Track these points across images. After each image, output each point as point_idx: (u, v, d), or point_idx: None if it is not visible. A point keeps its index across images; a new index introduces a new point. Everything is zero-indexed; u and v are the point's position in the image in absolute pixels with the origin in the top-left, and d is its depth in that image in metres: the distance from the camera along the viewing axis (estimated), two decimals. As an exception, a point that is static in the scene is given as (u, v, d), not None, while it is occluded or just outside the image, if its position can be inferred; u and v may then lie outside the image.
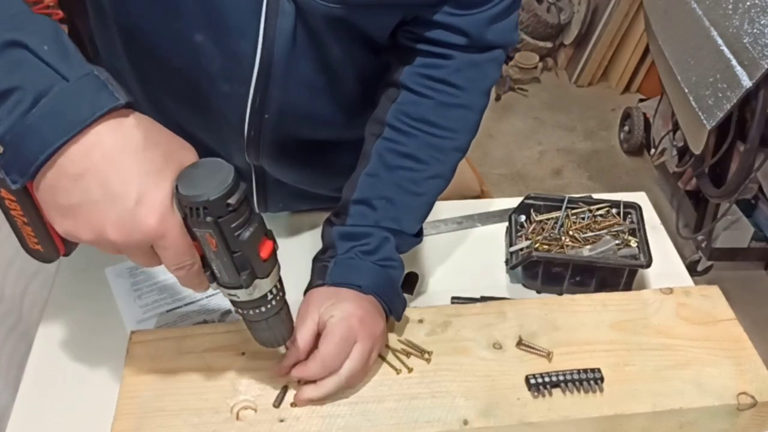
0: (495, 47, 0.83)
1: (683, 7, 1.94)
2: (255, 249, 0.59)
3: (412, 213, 0.84)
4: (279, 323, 0.67)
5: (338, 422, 0.70)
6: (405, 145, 0.82)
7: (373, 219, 0.81)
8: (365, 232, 0.80)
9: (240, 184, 0.57)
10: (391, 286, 0.79)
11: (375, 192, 0.81)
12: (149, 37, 0.77)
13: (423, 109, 0.82)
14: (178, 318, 0.88)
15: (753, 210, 2.22)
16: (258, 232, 0.59)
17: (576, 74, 3.27)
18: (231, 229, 0.57)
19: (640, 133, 2.78)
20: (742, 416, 0.74)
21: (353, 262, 0.78)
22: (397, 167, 0.82)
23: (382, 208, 0.81)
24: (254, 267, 0.60)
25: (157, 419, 0.69)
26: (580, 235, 0.93)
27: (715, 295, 0.85)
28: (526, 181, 2.76)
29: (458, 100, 0.83)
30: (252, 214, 0.58)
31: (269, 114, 0.81)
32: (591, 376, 0.73)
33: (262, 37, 0.74)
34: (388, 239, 0.80)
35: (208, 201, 0.54)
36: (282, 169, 0.92)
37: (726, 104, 1.74)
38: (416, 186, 0.83)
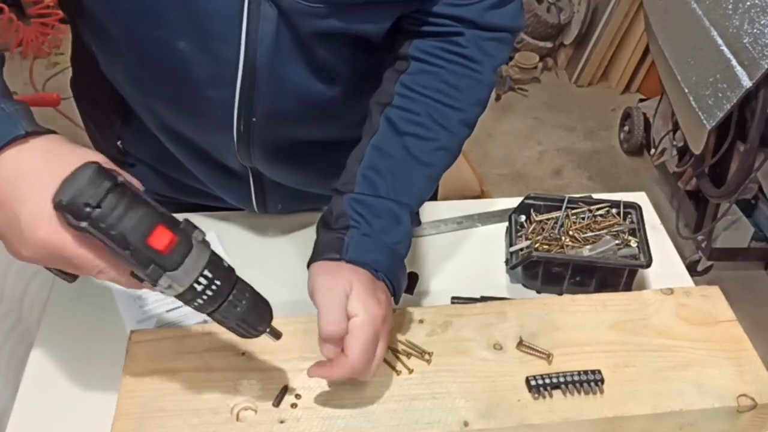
0: (500, 30, 0.83)
1: (683, 7, 1.94)
2: (143, 242, 0.56)
3: (417, 185, 0.81)
4: (234, 313, 0.63)
5: (338, 423, 0.70)
6: (415, 113, 0.81)
7: (382, 189, 0.78)
8: (376, 204, 0.77)
9: (100, 181, 0.55)
10: (401, 268, 0.78)
11: (383, 161, 0.79)
12: (136, 45, 0.77)
13: (433, 78, 0.82)
14: (178, 318, 0.88)
15: (753, 210, 2.22)
16: (142, 225, 0.56)
17: (576, 74, 3.27)
18: (105, 227, 0.55)
19: (640, 133, 2.78)
20: (742, 418, 0.74)
21: (369, 242, 0.75)
22: (406, 134, 0.80)
23: (390, 178, 0.79)
24: (156, 261, 0.57)
25: (157, 419, 0.69)
26: (580, 235, 0.93)
27: (715, 295, 0.85)
28: (526, 181, 2.76)
29: (468, 71, 0.82)
30: (133, 208, 0.56)
31: (257, 117, 0.81)
32: (591, 377, 0.73)
33: (244, 42, 0.74)
34: (399, 216, 0.78)
35: (62, 204, 0.55)
36: (276, 171, 0.92)
37: (726, 104, 1.74)
38: (425, 155, 0.81)
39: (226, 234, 1.00)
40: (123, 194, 0.56)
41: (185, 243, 0.59)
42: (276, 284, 0.77)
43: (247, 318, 0.64)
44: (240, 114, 0.81)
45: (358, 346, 0.68)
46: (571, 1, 3.24)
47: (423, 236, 1.00)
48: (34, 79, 3.14)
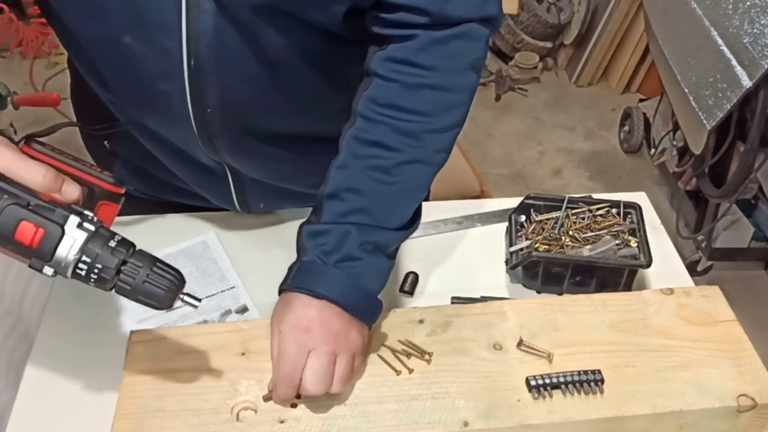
0: (462, 21, 0.78)
1: (683, 7, 1.94)
2: (12, 238, 0.59)
3: (385, 203, 0.79)
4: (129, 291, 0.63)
5: (339, 423, 0.70)
6: (372, 132, 0.79)
7: (341, 212, 0.77)
8: (327, 229, 0.77)
9: None
10: (353, 287, 0.75)
11: (344, 184, 0.78)
12: (87, 44, 0.78)
13: (389, 94, 0.79)
14: (178, 318, 0.88)
15: (753, 210, 2.22)
16: (7, 222, 0.59)
17: (576, 74, 3.27)
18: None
19: (640, 133, 2.78)
20: (742, 418, 0.74)
21: (312, 266, 0.75)
22: (365, 156, 0.79)
23: (350, 200, 0.77)
24: (31, 254, 0.60)
25: (157, 419, 0.69)
26: (580, 235, 0.93)
27: (715, 295, 0.85)
28: (526, 181, 2.76)
29: (424, 80, 0.78)
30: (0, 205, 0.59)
31: (211, 108, 0.81)
32: (591, 377, 0.73)
33: (185, 35, 0.74)
34: (349, 234, 0.76)
35: None
36: (248, 166, 0.92)
37: (726, 104, 1.74)
38: (387, 174, 0.78)
39: (228, 233, 1.00)
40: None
41: (54, 234, 0.60)
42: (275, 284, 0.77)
43: (147, 292, 0.64)
44: (194, 105, 0.80)
45: (281, 360, 0.71)
46: (571, 1, 3.24)
47: (423, 236, 1.00)
48: (34, 79, 3.14)
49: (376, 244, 0.77)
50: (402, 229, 0.80)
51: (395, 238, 0.80)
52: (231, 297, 0.91)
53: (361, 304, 0.75)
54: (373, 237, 0.77)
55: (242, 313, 0.89)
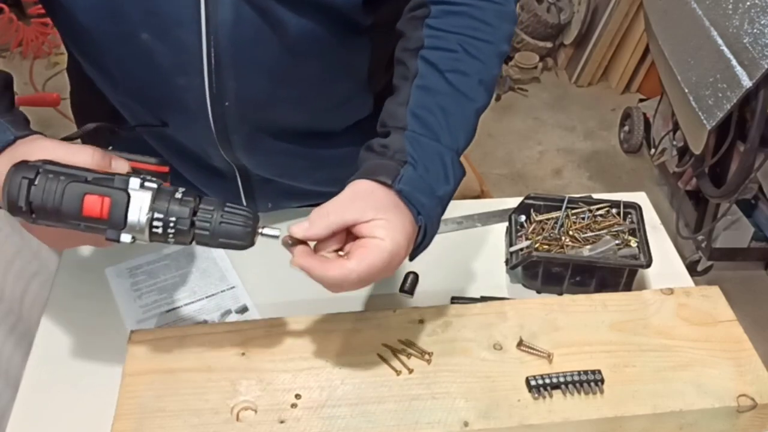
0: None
1: (683, 7, 1.93)
2: (82, 216, 0.60)
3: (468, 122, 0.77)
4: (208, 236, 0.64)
5: (338, 423, 0.70)
6: (452, 50, 0.77)
7: (434, 130, 0.74)
8: (432, 149, 0.73)
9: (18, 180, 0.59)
10: (436, 225, 0.73)
11: (433, 99, 0.76)
12: (100, 42, 0.78)
13: (461, 17, 0.79)
14: (178, 318, 0.88)
15: (753, 210, 2.22)
16: (72, 201, 0.60)
17: (576, 74, 3.27)
18: (48, 215, 0.60)
19: (640, 133, 2.78)
20: (742, 418, 0.74)
21: (422, 184, 0.71)
22: (448, 71, 0.76)
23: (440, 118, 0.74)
24: (105, 225, 0.60)
25: (157, 419, 0.69)
26: (580, 235, 0.93)
27: (715, 295, 0.85)
28: (526, 181, 2.76)
29: (494, 5, 0.80)
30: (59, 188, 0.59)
31: (230, 102, 0.81)
32: (591, 377, 0.73)
33: (205, 26, 0.74)
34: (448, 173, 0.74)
35: (7, 210, 0.60)
36: (260, 163, 0.92)
37: (726, 104, 1.74)
38: (470, 90, 0.77)
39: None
40: (47, 180, 0.59)
41: (120, 199, 0.61)
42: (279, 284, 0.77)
43: (227, 232, 0.64)
44: (213, 100, 0.80)
45: (368, 264, 0.65)
46: (571, 1, 3.24)
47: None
48: (34, 79, 3.14)
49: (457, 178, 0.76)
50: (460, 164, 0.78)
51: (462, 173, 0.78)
52: (231, 297, 0.91)
53: (428, 242, 0.74)
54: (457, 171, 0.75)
55: (242, 313, 0.89)
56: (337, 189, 1.02)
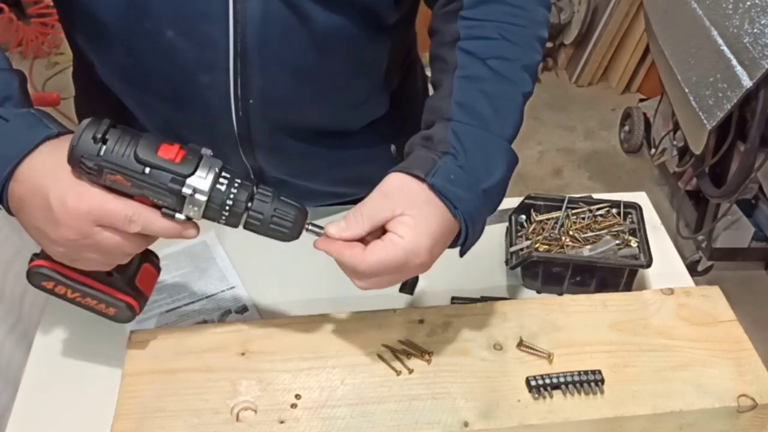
0: None
1: (683, 7, 1.93)
2: (156, 155, 0.61)
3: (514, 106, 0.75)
4: (266, 209, 0.65)
5: (338, 423, 0.70)
6: (490, 38, 0.75)
7: (485, 117, 0.71)
8: (479, 136, 0.71)
9: (98, 122, 0.61)
10: (483, 217, 0.70)
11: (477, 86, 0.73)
12: (122, 39, 0.77)
13: (495, 4, 0.77)
14: (178, 318, 0.88)
15: (753, 210, 2.22)
16: (149, 143, 0.61)
17: (576, 74, 3.26)
18: (116, 155, 0.60)
19: (640, 133, 2.78)
20: (742, 418, 0.74)
21: (461, 175, 0.68)
22: (489, 58, 0.74)
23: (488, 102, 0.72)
24: (172, 171, 0.62)
25: (157, 420, 0.69)
26: (581, 235, 0.93)
27: (715, 295, 0.85)
28: (526, 181, 2.76)
29: None
30: (135, 136, 0.62)
31: (254, 99, 0.80)
32: (591, 377, 0.73)
33: (232, 21, 0.73)
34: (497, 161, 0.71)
35: (76, 147, 0.60)
36: (278, 164, 0.92)
37: (726, 104, 1.74)
38: (514, 75, 0.75)
39: (227, 233, 1.00)
40: (124, 129, 0.62)
41: (195, 153, 0.63)
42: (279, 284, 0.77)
43: (277, 224, 0.66)
44: (236, 98, 0.80)
45: (376, 260, 0.64)
46: (571, 1, 3.24)
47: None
48: (34, 79, 3.14)
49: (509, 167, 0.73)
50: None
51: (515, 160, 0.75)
52: (231, 297, 0.91)
53: (475, 239, 0.71)
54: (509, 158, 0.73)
55: (242, 313, 0.89)
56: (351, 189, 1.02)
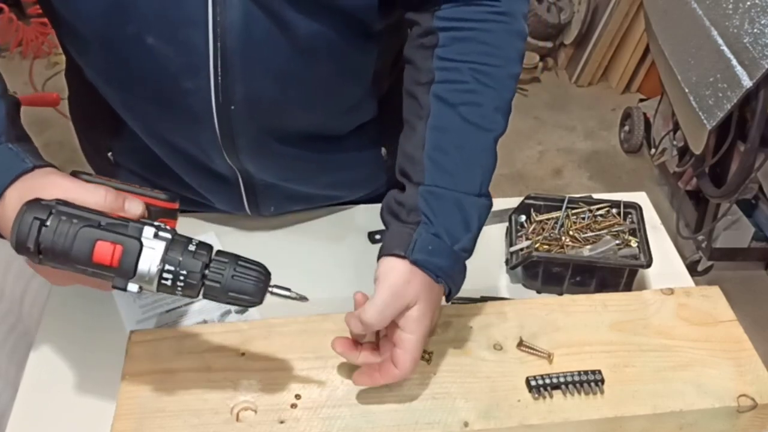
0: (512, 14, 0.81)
1: (683, 7, 1.94)
2: (91, 261, 0.59)
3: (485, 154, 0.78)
4: (219, 290, 0.63)
5: (338, 423, 0.70)
6: (462, 81, 0.77)
7: (450, 172, 0.75)
8: (447, 198, 0.74)
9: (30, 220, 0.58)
10: (462, 272, 0.76)
11: (446, 137, 0.76)
12: (104, 44, 0.77)
13: (469, 43, 0.78)
14: (178, 318, 0.88)
15: (753, 210, 2.22)
16: (83, 245, 0.58)
17: (576, 74, 3.27)
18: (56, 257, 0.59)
19: (640, 133, 2.78)
20: (742, 418, 0.74)
21: (437, 243, 0.72)
22: (460, 104, 0.77)
23: (456, 156, 0.76)
24: (112, 273, 0.59)
25: (157, 420, 0.69)
26: (581, 235, 0.93)
27: (715, 295, 0.85)
28: (526, 181, 2.76)
29: (503, 25, 0.79)
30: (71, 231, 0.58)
31: (236, 105, 0.80)
32: (591, 377, 0.73)
33: (212, 27, 0.73)
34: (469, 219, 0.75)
35: (16, 249, 0.59)
36: (265, 167, 0.91)
37: (726, 104, 1.74)
38: (484, 121, 0.77)
39: (224, 236, 1.00)
40: (60, 222, 0.58)
41: (133, 248, 0.59)
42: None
43: (238, 288, 0.63)
44: (218, 104, 0.79)
45: (410, 361, 0.70)
46: (571, 1, 3.24)
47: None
48: (34, 79, 3.14)
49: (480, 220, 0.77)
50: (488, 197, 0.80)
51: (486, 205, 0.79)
52: (231, 297, 0.91)
53: (457, 291, 0.76)
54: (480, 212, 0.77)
55: (242, 313, 0.89)
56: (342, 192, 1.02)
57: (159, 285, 0.61)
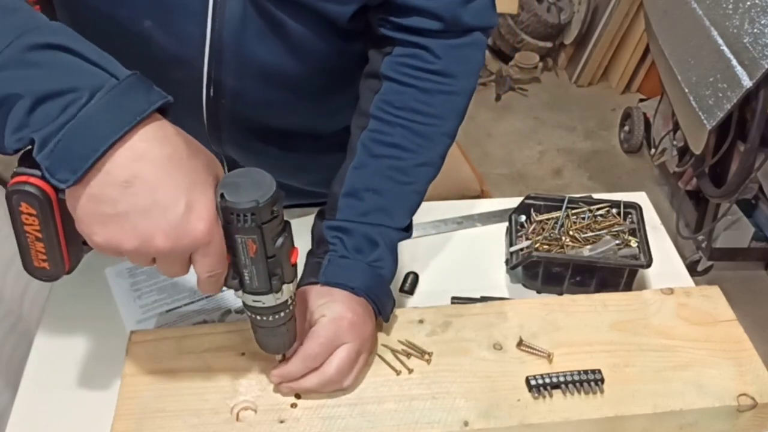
0: (473, 29, 0.81)
1: (683, 7, 1.94)
2: (288, 254, 0.62)
3: (400, 203, 0.82)
4: (291, 329, 0.68)
5: (338, 423, 0.70)
6: (390, 134, 0.81)
7: (361, 211, 0.79)
8: (354, 228, 0.78)
9: (281, 193, 0.59)
10: (382, 286, 0.78)
11: (362, 183, 0.80)
12: (100, 26, 0.76)
13: (406, 98, 0.81)
14: (178, 318, 0.88)
15: (753, 210, 2.22)
16: (290, 238, 0.61)
17: (576, 74, 3.27)
18: (271, 234, 0.59)
19: (640, 133, 2.78)
20: (742, 417, 0.74)
21: (346, 262, 0.77)
22: (382, 156, 0.81)
23: (369, 199, 0.79)
24: (284, 272, 0.62)
25: (157, 420, 0.69)
26: (581, 235, 0.93)
27: (715, 295, 0.85)
28: (526, 181, 2.76)
29: (441, 86, 0.82)
30: (285, 222, 0.61)
31: (225, 100, 0.80)
32: (591, 377, 0.73)
33: (210, 20, 0.73)
34: (377, 238, 0.79)
35: (257, 207, 0.57)
36: (249, 160, 0.91)
37: (726, 104, 1.74)
38: (404, 175, 0.81)
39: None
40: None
41: None
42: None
43: (293, 338, 0.70)
44: (208, 97, 0.80)
45: (315, 340, 0.71)
46: (571, 1, 3.24)
47: (423, 236, 1.00)
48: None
49: (392, 244, 0.80)
50: (406, 230, 0.83)
51: (401, 238, 0.82)
52: (231, 297, 0.91)
53: (388, 305, 0.78)
54: (391, 237, 0.80)
55: (242, 313, 0.89)
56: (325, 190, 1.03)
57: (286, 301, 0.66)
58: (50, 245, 0.60)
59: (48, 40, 0.53)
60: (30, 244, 0.60)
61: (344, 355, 0.71)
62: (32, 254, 0.61)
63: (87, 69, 0.53)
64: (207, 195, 0.56)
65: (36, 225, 0.58)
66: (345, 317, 0.72)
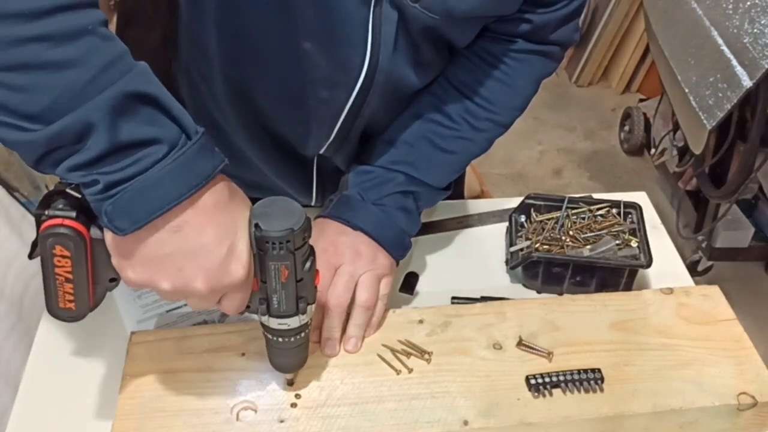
0: (554, 44, 0.89)
1: (683, 7, 1.94)
2: (313, 277, 0.64)
3: (432, 164, 0.87)
4: (306, 347, 0.70)
5: (338, 423, 0.70)
6: (442, 101, 0.87)
7: (391, 159, 0.85)
8: (373, 170, 0.85)
9: (310, 219, 0.61)
10: (383, 222, 0.82)
11: (402, 136, 0.87)
12: (256, 41, 0.76)
13: (467, 75, 0.88)
14: (178, 318, 0.88)
15: (753, 210, 2.22)
16: (315, 261, 0.64)
17: (576, 74, 3.27)
18: (302, 259, 0.61)
19: (640, 133, 2.78)
20: (742, 416, 0.74)
21: (350, 200, 0.83)
22: (428, 119, 0.87)
23: (402, 150, 0.86)
24: (309, 294, 0.65)
25: (157, 420, 0.69)
26: (581, 235, 0.93)
27: (715, 295, 0.85)
28: (526, 181, 2.76)
29: (503, 76, 0.88)
30: (311, 246, 0.63)
31: (361, 117, 0.83)
32: (591, 376, 0.73)
33: (370, 47, 0.75)
34: (392, 180, 0.84)
35: (293, 233, 0.59)
36: (346, 159, 0.93)
37: (726, 104, 1.74)
38: (443, 141, 0.87)
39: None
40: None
41: None
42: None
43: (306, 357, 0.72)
44: (349, 114, 0.82)
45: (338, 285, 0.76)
46: (571, 2, 3.23)
47: (423, 236, 1.00)
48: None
49: (414, 194, 0.86)
50: (439, 189, 0.89)
51: (431, 196, 0.89)
52: (231, 297, 0.91)
53: (391, 237, 0.82)
54: (413, 188, 0.86)
55: (242, 313, 0.89)
56: None
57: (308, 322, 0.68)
58: (79, 286, 0.60)
59: (140, 89, 0.52)
60: (58, 285, 0.61)
61: (337, 280, 0.75)
62: (59, 296, 0.62)
63: (166, 123, 0.53)
64: (243, 236, 0.58)
65: (68, 267, 0.59)
66: (327, 249, 0.77)
